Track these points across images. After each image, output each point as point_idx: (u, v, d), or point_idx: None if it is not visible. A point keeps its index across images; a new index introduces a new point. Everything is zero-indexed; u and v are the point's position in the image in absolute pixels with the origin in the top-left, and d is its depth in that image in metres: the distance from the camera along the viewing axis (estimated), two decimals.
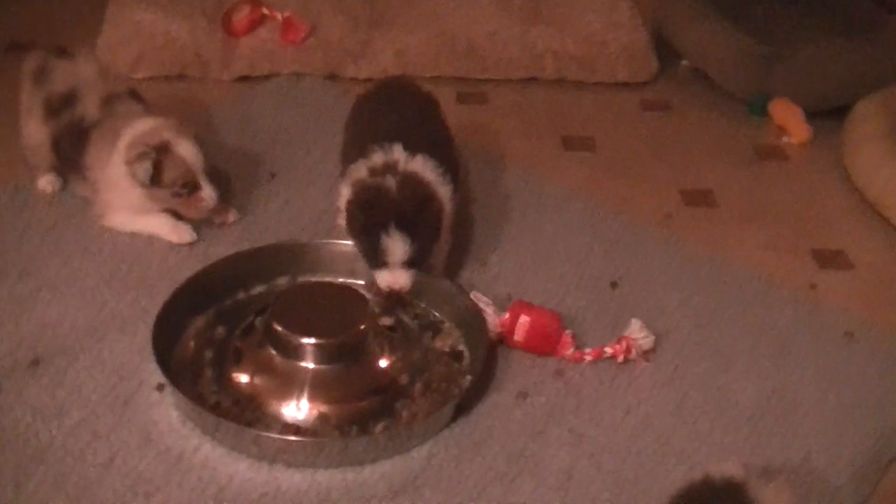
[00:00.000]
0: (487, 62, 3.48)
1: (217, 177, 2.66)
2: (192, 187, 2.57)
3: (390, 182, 2.35)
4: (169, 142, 2.55)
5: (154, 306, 2.35)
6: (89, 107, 2.68)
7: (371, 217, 2.31)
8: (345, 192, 2.43)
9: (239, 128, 3.13)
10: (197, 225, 2.67)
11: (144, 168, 2.52)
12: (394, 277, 2.33)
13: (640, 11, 3.66)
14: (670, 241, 2.76)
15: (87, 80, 2.72)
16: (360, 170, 2.43)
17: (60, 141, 2.70)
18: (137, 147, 2.54)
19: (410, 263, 2.32)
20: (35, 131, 2.74)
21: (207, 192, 2.59)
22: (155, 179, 2.54)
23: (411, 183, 2.37)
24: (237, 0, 3.54)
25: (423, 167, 2.42)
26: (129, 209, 2.64)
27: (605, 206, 2.87)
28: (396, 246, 2.29)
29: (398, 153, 2.42)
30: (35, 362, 2.26)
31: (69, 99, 2.69)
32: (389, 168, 2.40)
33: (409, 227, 2.30)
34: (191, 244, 2.64)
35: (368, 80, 3.35)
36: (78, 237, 2.64)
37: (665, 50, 3.62)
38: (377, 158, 2.42)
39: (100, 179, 2.65)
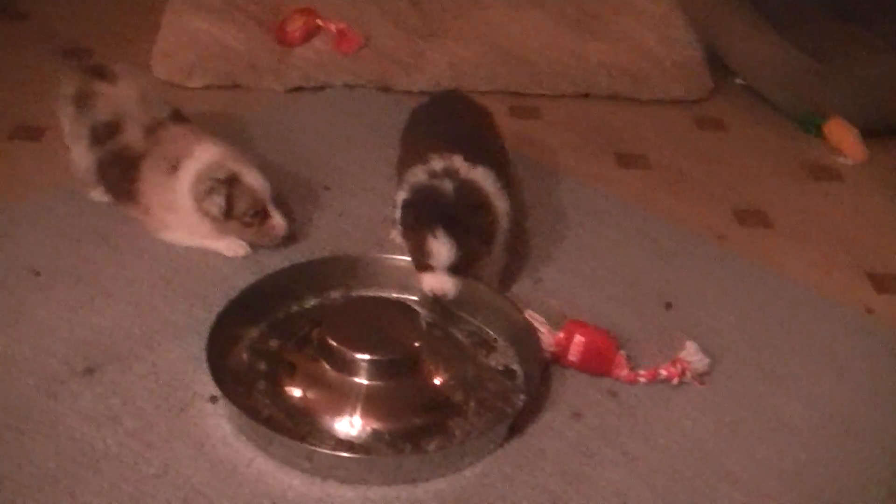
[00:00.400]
0: (541, 76, 3.48)
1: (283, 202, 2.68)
2: (262, 216, 2.58)
3: (447, 185, 2.35)
4: (236, 173, 2.55)
5: (207, 316, 2.36)
6: (134, 136, 2.66)
7: (422, 216, 2.31)
8: (401, 197, 2.43)
9: (292, 138, 3.14)
10: None
11: (218, 204, 2.53)
12: (437, 282, 2.33)
13: (695, 28, 3.64)
14: (724, 260, 2.74)
15: (131, 107, 2.69)
16: (418, 174, 2.43)
17: (107, 167, 2.69)
18: (206, 182, 2.54)
19: (455, 269, 2.32)
20: (82, 156, 2.73)
21: (277, 221, 2.60)
22: (226, 211, 2.55)
23: (468, 189, 2.37)
24: (292, 10, 3.55)
25: (482, 177, 2.41)
26: (187, 230, 2.64)
27: (659, 224, 2.86)
28: (442, 249, 2.29)
29: (458, 162, 2.42)
30: (89, 370, 2.27)
31: (113, 128, 2.67)
32: (449, 173, 2.39)
33: (457, 232, 2.29)
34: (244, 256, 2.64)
35: (422, 92, 3.36)
36: (132, 244, 2.65)
37: (719, 67, 3.60)
38: (436, 164, 2.42)
39: (155, 204, 2.64)
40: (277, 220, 2.60)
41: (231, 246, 2.63)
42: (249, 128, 3.14)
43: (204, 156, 2.59)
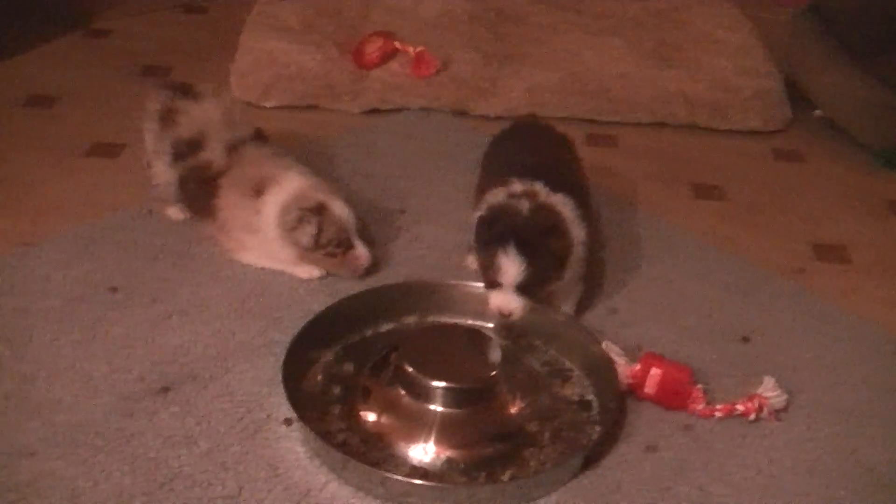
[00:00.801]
0: (618, 104, 3.46)
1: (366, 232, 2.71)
2: (346, 246, 2.59)
3: (524, 205, 2.34)
4: (324, 204, 2.56)
5: (282, 338, 2.37)
6: (216, 153, 2.69)
7: (494, 232, 2.30)
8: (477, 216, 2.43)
9: (367, 161, 3.14)
10: None
11: (308, 234, 2.55)
12: (504, 300, 2.31)
13: (774, 58, 3.61)
14: (802, 295, 2.70)
15: (213, 124, 2.72)
16: (497, 194, 2.42)
17: (188, 184, 2.72)
18: (294, 212, 2.55)
19: (523, 289, 2.30)
20: (163, 172, 2.76)
21: (361, 251, 2.60)
22: (315, 242, 2.56)
23: (545, 211, 2.36)
24: (369, 32, 3.56)
25: (561, 203, 2.40)
26: (265, 254, 2.65)
27: (736, 257, 2.83)
28: (511, 266, 2.28)
29: (539, 186, 2.41)
30: (165, 389, 2.28)
31: (195, 144, 2.71)
32: (528, 195, 2.38)
33: (528, 251, 2.28)
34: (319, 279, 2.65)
35: (498, 117, 3.35)
36: (208, 264, 2.66)
37: (797, 98, 3.57)
38: (516, 187, 2.41)
39: (233, 224, 2.66)
40: (361, 251, 2.60)
41: (306, 269, 2.64)
42: (325, 149, 3.15)
43: (291, 184, 2.60)
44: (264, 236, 2.61)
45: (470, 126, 3.36)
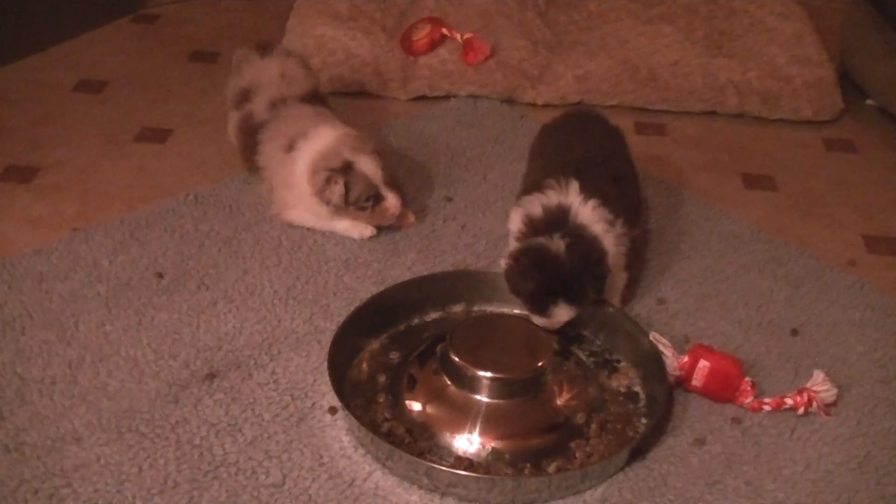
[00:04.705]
0: (668, 93, 3.42)
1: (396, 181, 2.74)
2: (376, 199, 2.63)
3: (558, 245, 2.30)
4: (350, 162, 2.59)
5: (328, 326, 2.37)
6: (258, 106, 2.79)
7: (540, 286, 2.29)
8: (515, 221, 2.42)
9: (415, 148, 3.13)
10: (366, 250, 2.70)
11: (337, 193, 2.60)
12: (551, 324, 2.32)
13: (826, 47, 3.57)
14: (854, 287, 2.67)
15: (267, 79, 2.83)
16: (534, 205, 2.40)
17: (238, 132, 2.84)
18: (322, 173, 2.59)
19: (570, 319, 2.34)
20: (230, 119, 2.90)
21: (392, 202, 2.65)
22: (345, 199, 2.61)
23: (581, 246, 2.32)
24: (418, 19, 3.54)
25: (592, 219, 2.36)
26: (306, 210, 2.70)
27: (786, 247, 2.79)
28: (564, 313, 2.30)
29: (573, 195, 2.38)
30: (210, 376, 2.28)
31: (246, 94, 2.83)
32: (561, 215, 2.36)
33: (577, 298, 2.29)
34: (371, 238, 2.72)
35: (547, 105, 3.33)
36: (255, 250, 2.66)
37: (850, 87, 3.52)
38: (551, 198, 2.39)
39: (271, 179, 2.74)
40: (391, 202, 2.65)
41: (357, 227, 2.70)
42: (372, 135, 3.13)
43: (319, 139, 2.66)
44: (300, 192, 2.66)
45: (518, 113, 3.34)
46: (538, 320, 2.32)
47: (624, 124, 2.88)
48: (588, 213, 2.36)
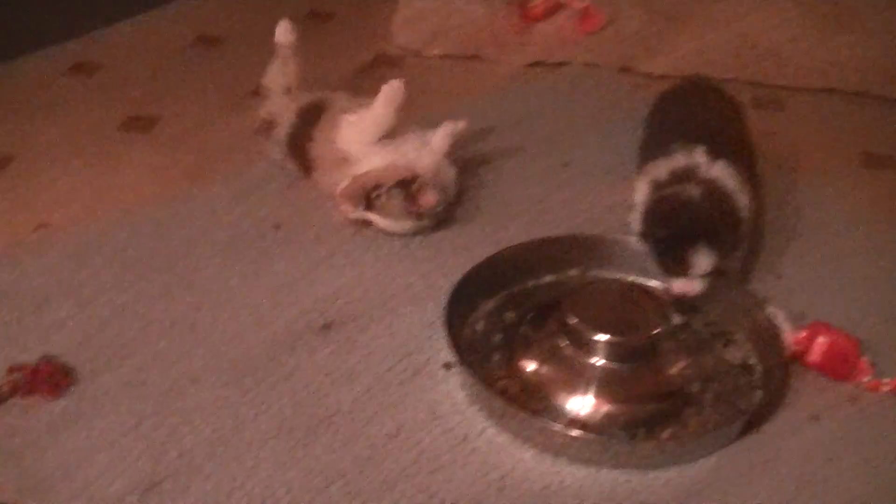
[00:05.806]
0: (787, 68, 3.37)
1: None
2: (413, 196, 2.55)
3: (693, 191, 2.29)
4: (382, 184, 2.54)
5: (445, 284, 2.36)
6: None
7: (677, 231, 2.26)
8: (641, 190, 2.40)
9: (530, 113, 3.12)
10: (483, 212, 2.69)
11: (388, 212, 2.54)
12: (691, 286, 2.29)
13: None
14: None
15: None
16: (659, 169, 2.38)
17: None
18: (359, 200, 2.54)
19: (709, 273, 2.28)
20: None
21: (426, 199, 2.55)
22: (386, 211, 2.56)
23: (716, 194, 2.31)
24: None
25: (724, 175, 2.35)
26: None
27: None
28: (703, 261, 2.25)
29: (700, 156, 2.36)
30: (327, 326, 2.30)
31: None
32: (690, 173, 2.34)
33: (716, 243, 2.25)
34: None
35: (663, 76, 3.29)
36: None
37: None
38: (678, 160, 2.37)
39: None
40: (426, 198, 2.54)
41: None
42: (487, 99, 3.14)
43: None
44: None
45: (634, 83, 3.30)
46: (678, 285, 2.29)
47: (740, 98, 2.84)
48: (718, 170, 2.34)
